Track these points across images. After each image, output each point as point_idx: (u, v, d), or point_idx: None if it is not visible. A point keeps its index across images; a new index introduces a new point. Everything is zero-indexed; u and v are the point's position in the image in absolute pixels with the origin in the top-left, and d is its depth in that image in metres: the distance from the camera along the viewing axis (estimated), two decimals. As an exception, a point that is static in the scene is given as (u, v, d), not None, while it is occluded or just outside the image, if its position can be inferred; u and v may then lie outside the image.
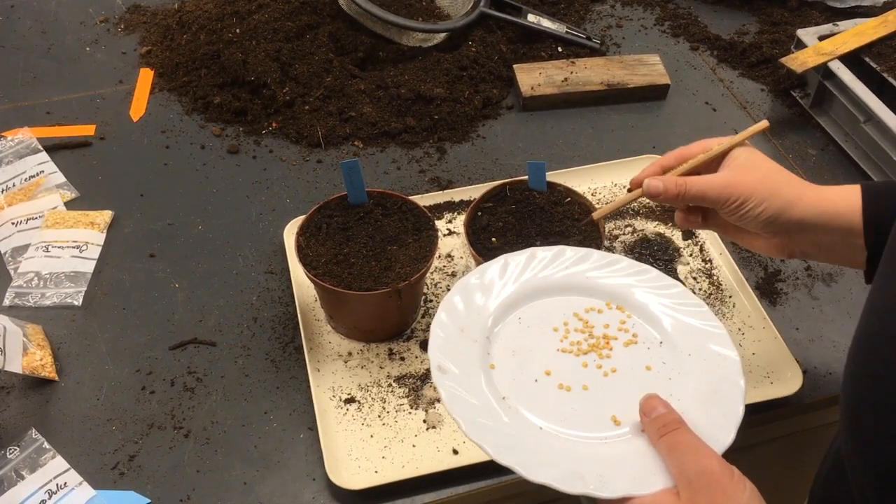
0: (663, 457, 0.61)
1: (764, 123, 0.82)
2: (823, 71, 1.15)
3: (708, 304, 0.95)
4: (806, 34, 1.20)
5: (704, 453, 0.59)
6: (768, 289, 0.98)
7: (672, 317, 0.73)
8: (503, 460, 0.61)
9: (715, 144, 0.79)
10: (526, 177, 0.93)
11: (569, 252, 0.77)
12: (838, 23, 1.22)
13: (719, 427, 0.63)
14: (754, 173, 0.74)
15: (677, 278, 0.98)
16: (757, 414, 0.87)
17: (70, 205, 1.06)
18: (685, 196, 0.76)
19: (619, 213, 1.05)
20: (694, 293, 0.95)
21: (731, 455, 0.96)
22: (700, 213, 0.82)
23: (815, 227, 0.74)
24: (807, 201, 0.73)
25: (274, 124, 1.16)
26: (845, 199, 0.73)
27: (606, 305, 0.74)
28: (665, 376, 0.68)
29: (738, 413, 0.64)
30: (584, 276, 0.75)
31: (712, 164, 0.79)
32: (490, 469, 0.81)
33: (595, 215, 0.86)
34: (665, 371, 0.69)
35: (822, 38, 1.19)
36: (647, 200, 1.06)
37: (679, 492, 0.58)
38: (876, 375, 0.52)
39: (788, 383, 0.87)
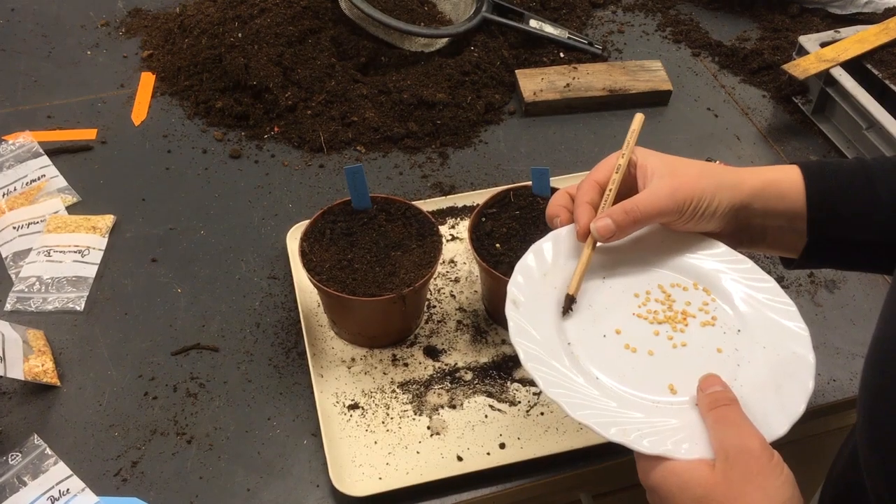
0: (709, 428, 0.61)
1: (640, 116, 0.78)
2: (825, 77, 1.15)
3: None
4: (808, 41, 1.20)
5: (749, 432, 0.59)
6: (771, 295, 0.98)
7: (757, 309, 0.72)
8: (551, 393, 0.63)
9: (613, 160, 0.75)
10: (529, 182, 0.93)
11: (663, 231, 0.76)
12: (840, 29, 1.22)
13: (774, 419, 0.63)
14: (687, 172, 0.71)
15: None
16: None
17: (72, 209, 1.05)
18: (641, 220, 0.71)
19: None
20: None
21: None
22: None
23: (764, 209, 0.72)
24: (750, 183, 0.71)
25: (276, 129, 1.16)
26: (788, 180, 0.72)
27: (693, 285, 0.74)
28: (734, 362, 0.68)
29: (798, 411, 0.64)
30: (679, 254, 0.75)
31: (626, 188, 0.74)
32: (494, 476, 0.81)
33: (571, 290, 0.74)
34: (735, 357, 0.68)
35: (823, 45, 1.19)
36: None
37: (715, 464, 0.58)
38: (892, 377, 0.52)
39: (792, 390, 0.87)
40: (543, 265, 0.73)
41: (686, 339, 0.70)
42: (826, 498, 0.74)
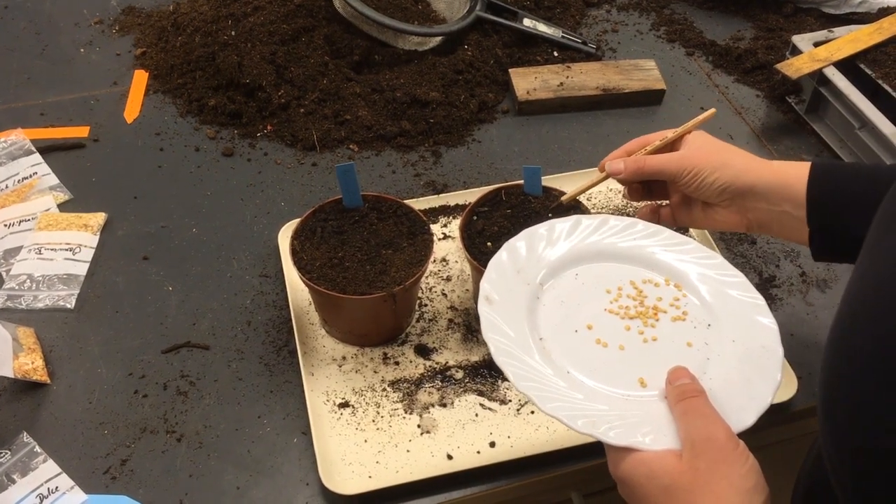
0: (676, 419, 0.62)
1: (711, 111, 0.88)
2: (818, 77, 1.16)
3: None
4: (801, 40, 1.20)
5: (715, 422, 0.60)
6: (763, 294, 0.97)
7: (727, 304, 0.73)
8: (521, 387, 0.64)
9: (671, 133, 0.85)
10: (521, 181, 0.93)
11: (640, 225, 0.79)
12: (833, 29, 1.22)
13: (743, 410, 0.64)
14: (707, 148, 0.81)
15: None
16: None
17: (63, 207, 1.05)
18: (643, 170, 0.82)
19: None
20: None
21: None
22: (656, 193, 0.89)
23: (767, 195, 0.78)
24: (758, 169, 0.78)
25: (269, 127, 1.16)
26: (795, 171, 0.77)
27: (665, 281, 0.76)
28: (704, 356, 0.69)
29: (766, 402, 0.65)
30: (650, 251, 0.77)
31: (669, 148, 0.85)
32: (485, 475, 0.81)
33: (564, 199, 0.90)
34: (705, 351, 0.70)
35: (817, 45, 1.19)
36: (635, 204, 1.06)
37: (682, 454, 0.60)
38: (848, 362, 0.53)
39: (783, 389, 0.87)
40: (517, 261, 0.74)
41: (657, 334, 0.71)
42: (798, 494, 0.74)
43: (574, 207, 0.92)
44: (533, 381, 0.65)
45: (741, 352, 0.69)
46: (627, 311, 0.73)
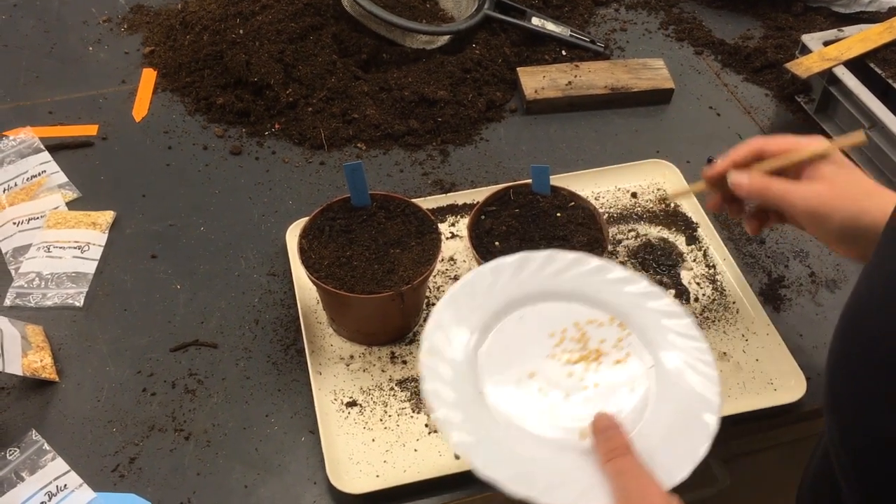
0: (609, 479, 0.61)
1: (859, 137, 0.78)
2: (828, 76, 1.15)
3: (710, 310, 0.95)
4: (811, 39, 1.20)
5: (647, 481, 0.60)
6: (772, 295, 0.98)
7: (671, 344, 0.72)
8: (458, 447, 0.63)
9: (804, 145, 0.75)
10: (529, 180, 0.93)
11: (588, 260, 0.77)
12: (843, 28, 1.21)
13: (678, 460, 0.64)
14: (844, 190, 0.71)
15: (680, 284, 0.98)
16: (760, 420, 0.87)
17: (72, 205, 1.05)
18: (766, 195, 0.75)
19: (622, 217, 1.05)
20: (697, 300, 0.95)
21: (736, 460, 0.96)
22: (762, 216, 0.81)
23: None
24: (874, 214, 0.69)
25: (277, 126, 1.16)
26: None
27: (609, 320, 0.74)
28: (644, 401, 0.68)
29: (699, 453, 0.64)
30: (596, 288, 0.75)
31: (793, 169, 0.76)
32: (492, 474, 0.81)
33: (671, 196, 0.97)
34: (646, 395, 0.68)
35: (826, 44, 1.18)
36: (652, 206, 1.06)
37: None
38: (854, 351, 0.52)
39: (792, 390, 0.87)
40: (459, 310, 0.72)
41: (599, 379, 0.69)
42: (804, 487, 0.74)
43: (581, 207, 0.92)
44: (474, 438, 0.64)
45: (681, 397, 0.68)
46: (571, 356, 0.71)
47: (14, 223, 1.02)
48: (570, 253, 0.77)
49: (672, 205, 1.06)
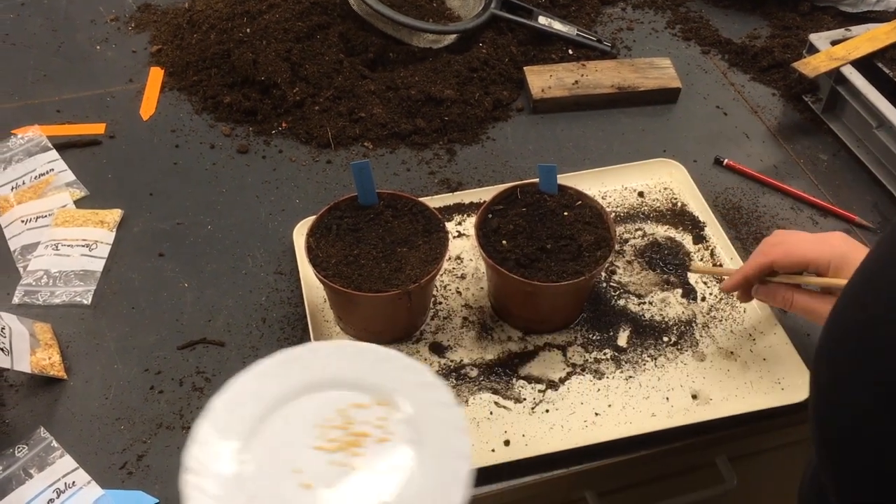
0: None
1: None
2: (836, 76, 1.15)
3: (718, 309, 0.95)
4: (818, 39, 1.20)
5: None
6: (779, 294, 0.97)
7: (430, 418, 0.72)
8: None
9: (815, 261, 0.81)
10: (536, 179, 0.93)
11: (348, 347, 0.78)
12: (851, 28, 1.21)
13: None
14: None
15: (687, 283, 0.97)
16: (767, 420, 0.87)
17: (80, 203, 1.06)
18: (790, 308, 0.83)
19: (629, 216, 1.05)
20: (704, 299, 0.95)
21: (744, 460, 0.96)
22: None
23: None
24: None
25: (284, 124, 1.16)
26: None
27: (373, 402, 0.73)
28: (406, 475, 0.68)
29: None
30: (358, 372, 0.74)
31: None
32: (499, 473, 0.81)
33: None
34: (408, 470, 0.68)
35: (834, 43, 1.18)
36: (659, 205, 1.06)
37: None
38: (831, 343, 0.54)
39: (799, 389, 0.87)
40: (218, 423, 0.70)
41: (362, 463, 0.69)
42: (805, 479, 0.75)
43: (589, 206, 0.91)
44: None
45: (438, 465, 0.68)
46: (334, 444, 0.70)
47: (22, 221, 1.02)
48: (330, 343, 0.79)
49: (680, 204, 1.06)
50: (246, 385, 0.73)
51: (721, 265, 0.99)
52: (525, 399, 0.86)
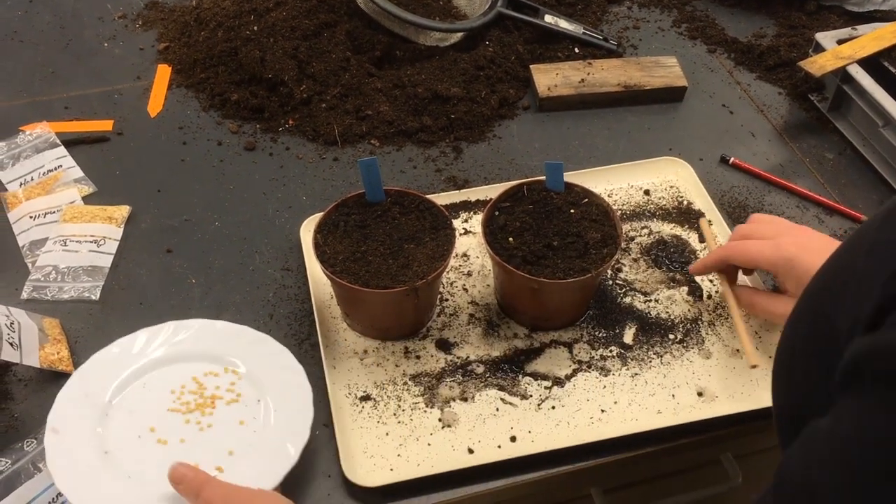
0: None
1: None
2: (842, 75, 1.15)
3: (724, 306, 0.95)
4: (824, 38, 1.20)
5: (233, 488, 0.70)
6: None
7: (273, 377, 0.83)
8: (75, 501, 0.72)
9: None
10: (543, 177, 0.93)
11: (203, 325, 0.87)
12: (857, 27, 1.21)
13: (271, 469, 0.76)
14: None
15: (693, 280, 0.98)
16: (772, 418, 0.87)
17: (88, 199, 1.06)
18: (751, 310, 0.90)
19: (635, 214, 1.05)
20: (710, 296, 0.95)
21: (749, 457, 0.96)
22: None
23: None
24: None
25: (291, 122, 1.17)
26: None
27: (224, 370, 0.84)
28: (252, 429, 0.79)
29: (281, 472, 0.75)
30: (212, 346, 0.85)
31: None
32: (505, 469, 0.81)
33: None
34: (254, 424, 0.79)
35: (840, 42, 1.18)
36: (665, 203, 1.06)
37: None
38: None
39: (805, 387, 0.87)
40: (85, 386, 0.81)
41: (212, 421, 0.79)
42: None
43: (595, 204, 0.92)
44: (94, 493, 0.73)
45: (282, 420, 0.79)
46: (189, 406, 0.80)
47: (31, 217, 1.03)
48: (194, 322, 0.88)
49: (686, 202, 1.06)
50: (109, 356, 0.84)
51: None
52: (531, 396, 0.87)
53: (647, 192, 1.08)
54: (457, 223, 1.03)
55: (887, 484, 0.43)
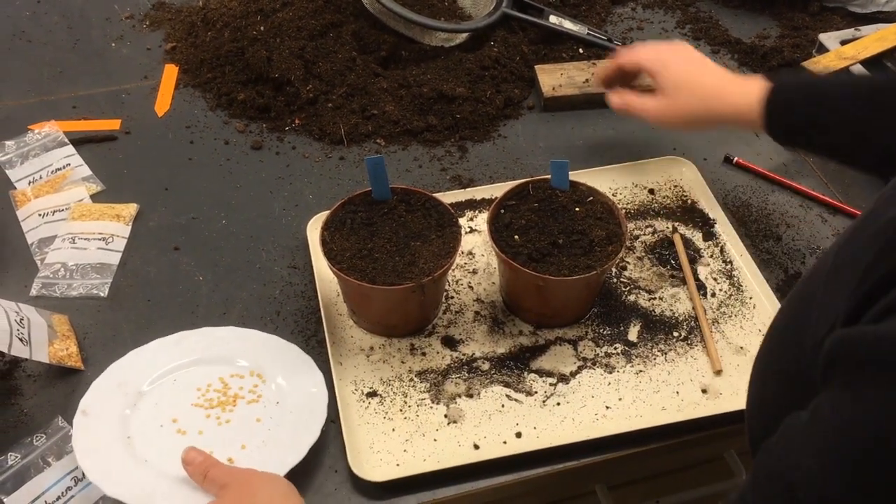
0: (208, 489, 0.75)
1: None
2: (845, 75, 1.16)
3: (727, 305, 0.95)
4: (828, 38, 1.20)
5: (239, 469, 0.76)
6: (789, 290, 0.98)
7: (293, 382, 0.86)
8: (109, 491, 0.76)
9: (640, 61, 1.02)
10: (548, 175, 0.94)
11: (235, 331, 0.91)
12: (860, 28, 1.22)
13: (283, 461, 0.79)
14: (684, 95, 0.97)
15: (697, 278, 0.98)
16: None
17: (96, 197, 1.07)
18: (628, 112, 1.03)
19: (640, 213, 1.06)
20: (714, 295, 0.96)
21: (750, 455, 0.96)
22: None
23: (726, 123, 0.97)
24: (720, 107, 0.95)
25: (297, 121, 1.17)
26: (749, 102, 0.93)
27: (249, 373, 0.87)
28: (267, 427, 0.83)
29: (287, 464, 0.79)
30: (238, 351, 0.89)
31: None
32: (510, 464, 0.82)
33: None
34: (270, 423, 0.83)
35: (843, 43, 1.19)
36: (670, 202, 1.07)
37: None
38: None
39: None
40: (120, 375, 0.86)
41: (231, 417, 0.84)
42: None
43: (600, 202, 0.92)
44: (108, 471, 0.77)
45: (296, 419, 0.83)
46: (212, 402, 0.85)
47: (39, 214, 1.04)
48: (222, 328, 0.92)
49: (690, 201, 1.07)
50: (144, 354, 0.88)
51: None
52: (536, 392, 0.87)
53: (651, 192, 1.09)
54: (462, 222, 1.03)
55: (867, 468, 0.45)
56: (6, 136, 1.14)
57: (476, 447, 0.83)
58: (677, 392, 0.88)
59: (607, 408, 0.86)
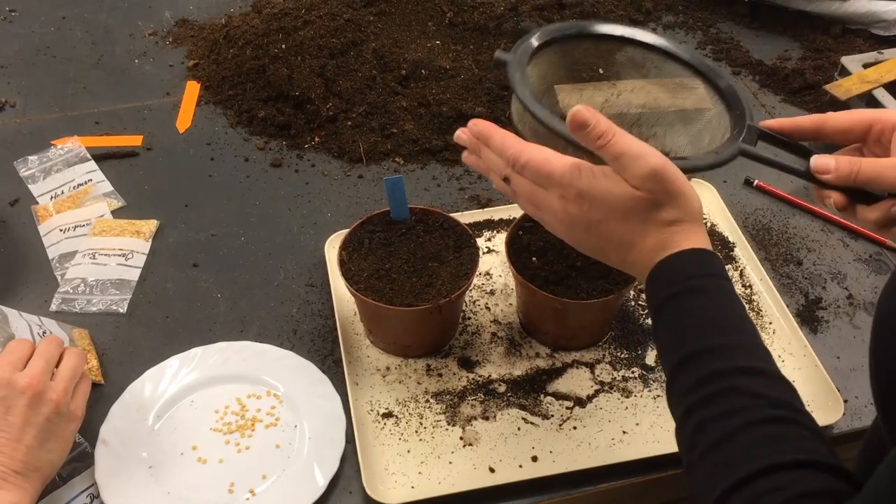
0: (609, 161, 0.64)
1: None
2: (867, 99, 1.15)
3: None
4: (850, 61, 1.20)
5: (649, 153, 0.64)
6: (809, 316, 0.97)
7: (310, 405, 0.86)
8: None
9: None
10: (567, 197, 0.93)
11: (251, 347, 0.91)
12: (883, 51, 1.21)
13: (307, 489, 0.80)
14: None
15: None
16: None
17: (117, 213, 1.08)
18: (858, 178, 0.67)
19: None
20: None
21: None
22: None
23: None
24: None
25: (317, 139, 1.18)
26: None
27: (266, 393, 0.88)
28: (286, 454, 0.83)
29: (308, 500, 0.79)
30: (257, 367, 0.89)
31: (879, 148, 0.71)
32: (526, 489, 0.81)
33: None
34: (288, 449, 0.83)
35: (866, 66, 1.18)
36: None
37: (638, 187, 0.64)
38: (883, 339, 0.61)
39: (829, 412, 0.86)
40: (137, 399, 0.86)
41: (250, 443, 0.84)
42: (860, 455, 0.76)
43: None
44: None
45: (315, 447, 0.83)
46: (230, 427, 0.85)
47: (61, 230, 1.05)
48: (236, 343, 0.91)
49: (709, 224, 1.06)
50: (161, 373, 0.88)
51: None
52: (553, 415, 0.87)
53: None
54: (480, 242, 1.03)
55: None
56: (29, 151, 1.15)
57: (492, 470, 0.82)
58: (695, 418, 0.87)
59: (624, 433, 0.86)
